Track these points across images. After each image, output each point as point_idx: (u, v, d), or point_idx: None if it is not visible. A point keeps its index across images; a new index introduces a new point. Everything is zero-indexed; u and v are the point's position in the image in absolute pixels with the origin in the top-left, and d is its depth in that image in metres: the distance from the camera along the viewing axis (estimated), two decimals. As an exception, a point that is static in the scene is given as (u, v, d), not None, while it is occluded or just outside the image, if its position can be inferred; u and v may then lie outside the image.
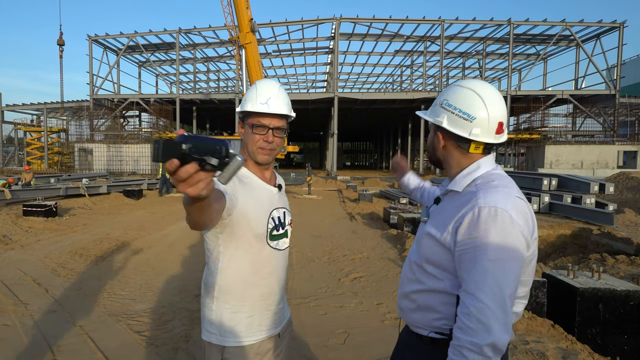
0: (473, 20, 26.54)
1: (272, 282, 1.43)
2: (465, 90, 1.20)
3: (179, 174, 0.74)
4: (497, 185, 1.13)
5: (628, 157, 28.25)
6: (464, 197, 1.15)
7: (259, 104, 1.38)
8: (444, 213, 1.20)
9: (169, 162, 0.72)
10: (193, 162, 0.74)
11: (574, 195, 9.81)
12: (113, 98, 30.81)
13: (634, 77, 35.26)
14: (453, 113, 1.20)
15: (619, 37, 26.05)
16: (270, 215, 1.40)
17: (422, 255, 1.23)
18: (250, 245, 1.35)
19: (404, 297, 1.30)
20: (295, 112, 1.54)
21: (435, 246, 1.18)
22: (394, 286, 4.71)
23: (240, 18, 18.10)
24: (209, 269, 1.39)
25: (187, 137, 0.74)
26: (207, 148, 0.75)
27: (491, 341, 0.99)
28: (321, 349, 3.20)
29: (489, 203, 1.06)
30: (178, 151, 0.72)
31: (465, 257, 1.07)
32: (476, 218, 1.06)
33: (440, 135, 1.25)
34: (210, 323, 1.38)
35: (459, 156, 1.23)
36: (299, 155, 59.20)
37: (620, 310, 3.00)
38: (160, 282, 4.85)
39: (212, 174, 0.78)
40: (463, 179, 1.19)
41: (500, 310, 1.00)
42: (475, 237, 1.05)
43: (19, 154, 38.29)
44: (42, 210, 9.11)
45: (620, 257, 5.21)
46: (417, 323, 1.25)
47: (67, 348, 3.17)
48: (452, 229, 1.12)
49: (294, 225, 1.65)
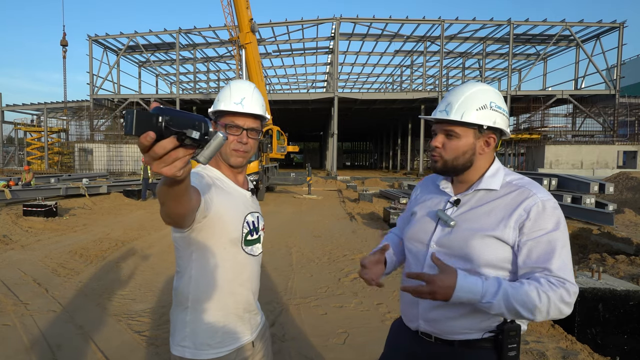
0: (473, 20, 26.54)
1: (248, 289, 1.37)
2: (496, 91, 1.26)
3: (155, 150, 0.67)
4: (531, 181, 1.23)
5: (628, 157, 28.25)
6: (510, 193, 1.20)
7: (232, 104, 1.33)
8: (489, 211, 1.19)
9: (143, 136, 0.64)
10: (171, 136, 0.67)
11: (574, 195, 9.81)
12: (113, 98, 30.82)
13: (634, 77, 35.26)
14: (503, 114, 1.24)
15: (619, 37, 26.05)
16: (245, 219, 1.34)
17: (476, 258, 1.17)
18: (225, 251, 1.29)
19: (441, 306, 1.22)
20: (295, 112, 1.54)
21: (493, 246, 1.16)
22: (394, 286, 4.71)
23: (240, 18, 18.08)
24: (181, 277, 1.31)
25: (164, 110, 0.67)
26: (187, 122, 0.68)
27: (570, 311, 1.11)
28: (321, 349, 3.20)
29: (545, 196, 1.16)
30: (154, 124, 0.65)
31: (540, 247, 1.13)
32: (542, 211, 1.14)
33: (493, 138, 1.24)
34: (183, 337, 1.29)
35: (488, 156, 1.27)
36: (299, 155, 59.19)
37: (620, 310, 3.00)
38: (160, 282, 4.85)
39: (191, 151, 0.71)
40: (494, 178, 1.24)
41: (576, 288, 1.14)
42: (545, 227, 1.13)
43: (19, 154, 38.28)
44: (42, 210, 9.11)
45: (620, 257, 5.20)
46: (460, 329, 1.21)
47: (67, 348, 3.17)
48: (514, 224, 1.15)
49: (294, 226, 1.65)
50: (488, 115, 1.21)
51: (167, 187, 0.84)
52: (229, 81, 1.42)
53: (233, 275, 1.32)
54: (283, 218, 10.13)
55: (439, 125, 1.26)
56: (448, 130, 1.23)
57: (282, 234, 7.81)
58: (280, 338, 3.38)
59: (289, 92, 45.85)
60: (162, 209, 0.95)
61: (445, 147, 1.24)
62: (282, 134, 18.90)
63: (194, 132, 0.67)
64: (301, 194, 15.61)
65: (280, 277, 5.08)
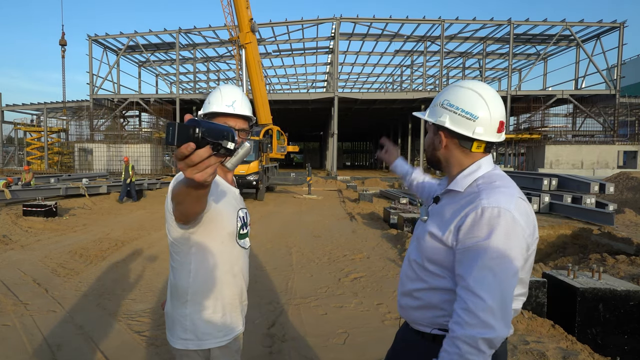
0: (473, 20, 26.53)
1: (241, 280, 1.46)
2: (465, 90, 1.22)
3: (192, 158, 0.73)
4: (499, 185, 1.15)
5: (628, 157, 28.24)
6: (467, 197, 1.17)
7: (224, 106, 1.42)
8: (445, 212, 1.21)
9: (184, 146, 0.71)
10: (207, 146, 0.73)
11: (574, 195, 9.81)
12: (113, 98, 30.79)
13: (634, 77, 35.23)
14: (455, 113, 1.21)
15: (619, 37, 26.04)
16: (237, 214, 1.44)
17: (424, 254, 1.23)
18: (223, 244, 1.36)
19: (405, 295, 1.31)
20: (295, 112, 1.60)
21: (436, 245, 1.19)
22: (394, 286, 4.71)
23: (240, 18, 18.08)
24: (178, 272, 1.38)
25: (199, 122, 0.73)
26: (219, 133, 0.75)
27: (487, 336, 1.02)
28: (321, 349, 3.20)
29: (492, 203, 1.08)
30: (192, 135, 0.72)
31: (466, 255, 1.09)
32: (479, 218, 1.08)
33: (442, 135, 1.25)
34: (184, 329, 1.35)
35: (460, 156, 1.25)
36: (299, 155, 59.16)
37: (620, 310, 3.00)
38: (160, 282, 4.85)
39: (221, 159, 0.78)
40: (464, 179, 1.21)
41: (499, 307, 1.03)
42: (478, 236, 1.07)
43: (19, 154, 38.26)
44: (42, 210, 9.11)
45: (620, 257, 5.20)
46: (419, 320, 1.26)
47: (67, 348, 3.17)
48: (454, 228, 1.14)
49: (294, 226, 1.68)
50: (436, 112, 1.26)
51: (192, 189, 0.90)
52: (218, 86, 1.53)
53: (229, 266, 1.39)
54: (283, 218, 10.13)
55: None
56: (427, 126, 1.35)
57: (282, 234, 7.81)
58: (280, 338, 3.37)
59: (289, 92, 45.83)
60: (179, 207, 1.02)
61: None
62: (282, 134, 18.89)
63: (230, 142, 0.75)
64: (301, 194, 15.61)
65: (280, 277, 5.08)
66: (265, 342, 3.31)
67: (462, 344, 1.03)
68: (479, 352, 1.02)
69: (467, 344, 1.02)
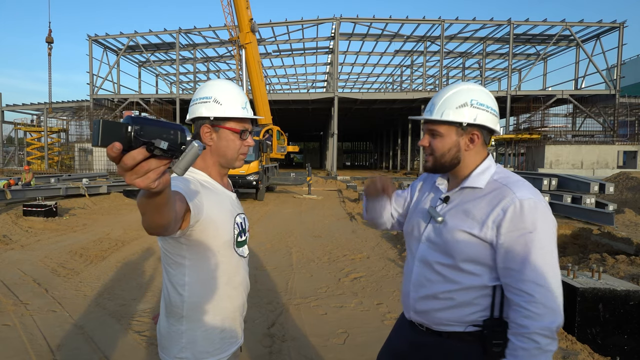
0: (473, 20, 26.52)
1: (242, 291, 1.36)
2: (482, 89, 1.28)
3: (124, 161, 0.63)
4: (518, 179, 1.21)
5: (628, 157, 28.22)
6: (491, 192, 1.21)
7: (240, 109, 1.30)
8: (469, 209, 1.22)
9: (109, 147, 0.60)
10: (140, 147, 0.63)
11: (574, 195, 9.80)
12: (113, 98, 30.80)
13: (634, 77, 35.23)
14: (487, 111, 1.25)
15: (619, 37, 26.03)
16: (234, 220, 1.33)
17: (458, 255, 1.22)
18: (219, 254, 1.26)
19: (427, 299, 1.29)
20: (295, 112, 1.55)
21: (473, 243, 1.19)
22: (393, 286, 4.72)
23: (240, 18, 18.09)
24: (172, 286, 1.26)
25: (135, 119, 0.63)
26: (159, 131, 0.64)
27: (558, 323, 1.07)
28: (321, 349, 3.20)
29: (526, 196, 1.14)
30: (122, 134, 0.62)
31: (515, 249, 1.12)
32: (519, 210, 1.12)
33: (477, 135, 1.26)
34: (181, 348, 1.25)
35: (478, 153, 1.28)
36: (299, 155, 59.19)
37: (620, 310, 3.00)
38: (160, 282, 4.84)
39: (165, 162, 0.67)
40: (481, 175, 1.24)
41: (560, 292, 1.10)
42: (524, 228, 1.11)
43: (19, 154, 38.26)
44: (42, 210, 9.11)
45: (620, 257, 5.20)
46: (446, 321, 1.25)
47: (67, 348, 3.17)
48: (492, 224, 1.16)
49: (294, 226, 1.65)
50: (468, 112, 1.25)
51: (146, 198, 0.80)
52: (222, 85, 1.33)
53: (228, 278, 1.29)
54: (283, 218, 10.13)
55: (426, 125, 1.32)
56: (432, 129, 1.29)
57: (282, 234, 7.81)
58: (280, 338, 3.38)
59: (289, 92, 45.81)
60: (143, 219, 0.90)
61: (432, 146, 1.30)
62: (282, 134, 18.89)
63: (162, 142, 0.64)
64: (301, 194, 15.61)
65: (280, 277, 5.08)
66: (265, 342, 3.31)
67: (539, 337, 1.06)
68: (553, 341, 1.07)
69: (544, 336, 1.06)
